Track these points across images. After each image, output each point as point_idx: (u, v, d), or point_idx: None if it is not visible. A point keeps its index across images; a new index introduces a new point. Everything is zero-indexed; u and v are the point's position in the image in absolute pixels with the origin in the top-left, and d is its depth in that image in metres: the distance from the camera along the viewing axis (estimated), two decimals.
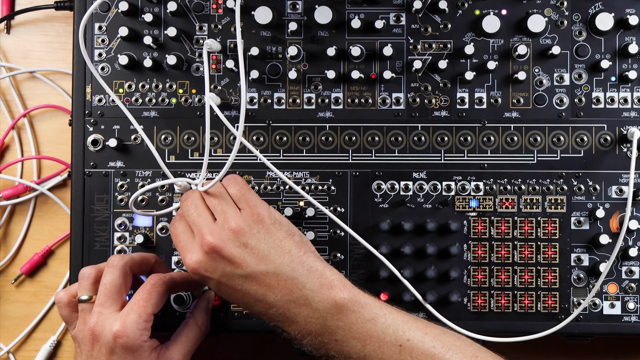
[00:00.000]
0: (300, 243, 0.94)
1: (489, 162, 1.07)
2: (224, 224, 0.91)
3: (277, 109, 1.08)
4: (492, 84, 1.08)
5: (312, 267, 0.92)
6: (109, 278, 0.95)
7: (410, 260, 1.07)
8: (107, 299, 0.94)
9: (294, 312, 0.91)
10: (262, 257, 0.91)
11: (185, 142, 1.08)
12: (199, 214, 0.93)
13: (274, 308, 0.92)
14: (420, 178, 1.07)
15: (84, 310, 0.96)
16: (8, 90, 1.22)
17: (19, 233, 1.21)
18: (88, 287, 0.97)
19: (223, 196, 0.94)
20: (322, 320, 0.91)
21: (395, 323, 0.92)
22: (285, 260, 0.92)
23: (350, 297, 0.91)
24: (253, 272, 0.91)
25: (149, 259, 1.02)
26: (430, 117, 1.08)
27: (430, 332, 0.92)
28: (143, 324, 0.93)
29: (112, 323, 0.92)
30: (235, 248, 0.91)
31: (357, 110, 1.08)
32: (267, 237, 0.92)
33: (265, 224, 0.93)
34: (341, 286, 0.92)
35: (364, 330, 0.91)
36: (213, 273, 0.91)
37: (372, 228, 1.07)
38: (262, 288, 0.91)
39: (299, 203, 1.08)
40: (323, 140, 1.08)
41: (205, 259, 0.91)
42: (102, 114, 1.08)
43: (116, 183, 1.08)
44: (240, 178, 0.96)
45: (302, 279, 0.91)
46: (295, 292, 0.91)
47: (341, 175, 1.08)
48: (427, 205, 1.07)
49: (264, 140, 1.08)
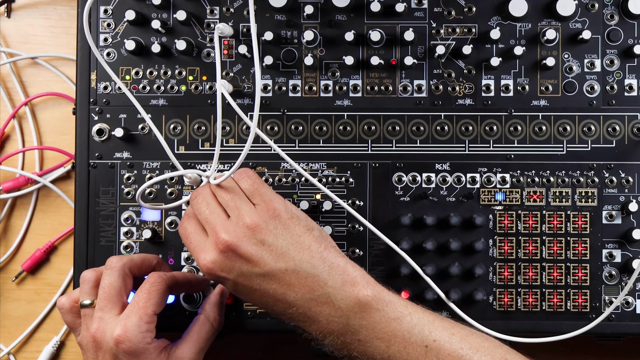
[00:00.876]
0: (320, 238, 0.93)
1: (516, 152, 1.06)
2: (238, 221, 0.90)
3: (293, 96, 1.07)
4: (519, 70, 1.07)
5: (333, 263, 0.91)
6: (107, 281, 0.95)
7: (432, 256, 1.06)
8: (106, 303, 0.94)
9: (315, 311, 0.90)
10: (281, 254, 0.90)
11: (196, 131, 1.07)
12: (212, 211, 0.92)
13: (294, 307, 0.90)
14: (444, 170, 1.06)
15: (86, 315, 0.96)
16: (8, 77, 1.22)
17: (20, 228, 1.21)
18: (89, 291, 0.96)
19: (235, 191, 0.93)
20: (344, 319, 0.90)
21: (421, 322, 0.90)
22: (304, 256, 0.90)
23: (374, 295, 0.90)
24: (271, 270, 0.90)
25: (150, 260, 1.01)
26: (453, 106, 1.07)
27: (458, 333, 0.91)
28: (145, 326, 0.92)
29: (112, 328, 0.92)
30: (252, 246, 0.89)
31: (376, 98, 1.07)
32: (285, 232, 0.91)
33: (282, 219, 0.91)
34: (364, 283, 0.91)
35: (388, 329, 0.90)
36: (229, 273, 0.90)
37: (392, 222, 1.06)
38: (281, 287, 0.90)
39: (316, 196, 1.07)
40: (341, 130, 1.07)
41: (220, 259, 0.90)
42: (108, 102, 1.07)
43: (122, 175, 1.07)
44: (252, 171, 0.95)
45: (323, 276, 0.90)
46: (316, 290, 0.90)
47: (360, 166, 1.07)
48: (451, 198, 1.06)
49: (279, 130, 1.07)
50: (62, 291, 1.21)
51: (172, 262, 1.07)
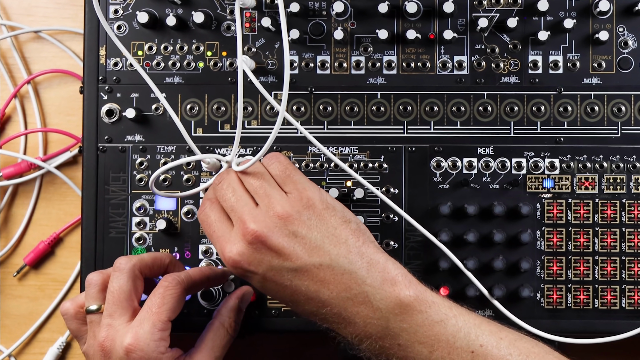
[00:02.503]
0: (357, 231, 0.91)
1: (566, 135, 1.05)
2: (268, 210, 0.88)
3: (321, 74, 1.06)
4: (569, 45, 1.05)
5: (372, 260, 0.89)
6: (116, 284, 0.93)
7: (474, 249, 1.04)
8: (115, 308, 0.92)
9: (352, 311, 0.88)
10: (315, 248, 0.88)
11: (215, 112, 1.06)
12: (238, 199, 0.90)
13: (328, 307, 0.88)
14: (487, 154, 1.05)
15: (93, 322, 0.94)
16: (10, 53, 1.21)
17: (22, 218, 1.21)
18: (96, 296, 0.95)
19: (265, 177, 0.91)
20: (384, 321, 0.88)
21: (467, 326, 0.88)
22: (341, 251, 0.89)
23: (417, 295, 0.88)
24: (304, 265, 0.88)
25: (162, 259, 0.99)
26: (497, 84, 1.05)
27: (506, 337, 0.89)
28: (158, 334, 0.90)
29: (122, 336, 0.90)
30: (284, 237, 0.88)
31: (413, 75, 1.05)
32: (320, 224, 0.89)
33: (317, 209, 0.90)
34: (406, 282, 0.89)
35: (431, 333, 0.87)
36: (258, 267, 0.88)
37: (430, 212, 1.05)
38: (314, 283, 0.88)
39: (346, 183, 1.05)
40: (374, 111, 1.05)
41: (248, 251, 0.88)
42: (119, 80, 1.06)
43: (134, 160, 1.06)
44: (283, 156, 0.93)
45: (361, 273, 0.88)
46: (353, 288, 0.88)
47: (395, 150, 1.05)
48: (494, 185, 1.05)
49: (306, 111, 1.06)
50: (68, 287, 1.19)
51: (189, 256, 1.06)
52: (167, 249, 1.05)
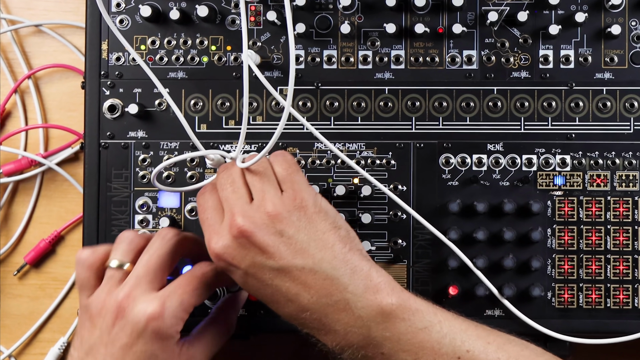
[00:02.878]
0: (346, 238, 0.90)
1: (577, 131, 1.04)
2: (260, 206, 0.88)
3: (327, 69, 1.05)
4: (580, 39, 1.04)
5: (356, 267, 0.89)
6: (157, 250, 0.92)
7: (484, 247, 1.04)
8: (147, 274, 0.91)
9: (332, 318, 0.88)
10: (300, 250, 0.88)
11: (219, 108, 1.05)
12: (234, 190, 0.90)
13: (308, 311, 0.88)
14: (496, 150, 1.04)
15: (113, 277, 0.92)
16: (10, 47, 1.20)
17: (22, 215, 1.20)
18: (126, 252, 0.93)
19: (266, 174, 0.91)
20: (365, 329, 0.87)
21: (453, 332, 0.88)
22: (326, 255, 0.88)
23: (400, 303, 0.88)
24: (287, 266, 0.87)
25: (202, 244, 0.97)
26: (507, 79, 1.05)
27: (494, 341, 0.89)
28: (182, 314, 0.90)
29: (148, 301, 0.89)
30: (269, 235, 0.87)
31: (421, 70, 1.05)
32: (308, 226, 0.89)
33: (308, 212, 0.89)
34: (389, 290, 0.88)
35: (415, 341, 0.87)
36: (240, 262, 0.88)
37: (439, 209, 1.04)
38: (295, 285, 0.88)
39: (353, 180, 1.04)
40: (381, 106, 1.04)
41: (233, 245, 0.88)
42: (121, 75, 1.06)
43: (137, 156, 1.06)
44: (290, 156, 0.94)
45: (343, 280, 0.88)
46: (334, 295, 0.87)
47: (403, 147, 1.05)
48: (504, 182, 1.04)
49: (312, 106, 1.05)
50: (69, 287, 1.19)
51: None
52: None
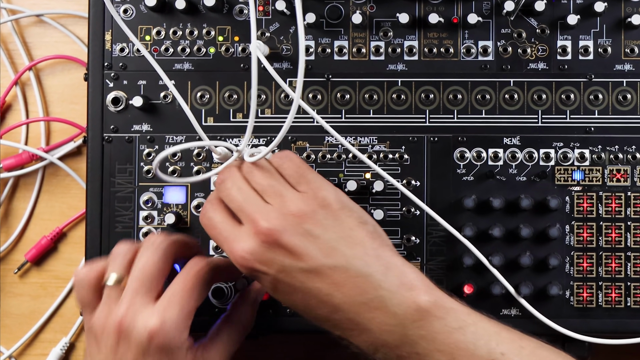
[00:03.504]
0: (374, 234, 0.90)
1: (597, 125, 1.03)
2: (282, 208, 0.87)
3: (338, 60, 1.05)
4: (600, 30, 1.04)
5: (389, 263, 0.88)
6: (148, 260, 0.91)
7: (500, 244, 1.03)
8: (141, 286, 0.90)
9: (366, 317, 0.86)
10: (329, 249, 0.87)
11: (226, 100, 1.05)
12: (246, 198, 0.89)
13: (341, 312, 0.87)
14: (513, 144, 1.04)
15: (111, 295, 0.91)
16: (10, 38, 1.20)
17: (23, 212, 1.19)
18: (122, 266, 0.92)
19: (273, 175, 0.90)
20: (400, 328, 0.86)
21: (487, 333, 0.87)
22: (357, 252, 0.87)
23: (435, 301, 0.87)
24: (318, 266, 0.86)
25: (195, 245, 0.98)
26: (524, 71, 1.04)
27: (527, 346, 0.88)
28: (184, 321, 0.89)
29: (147, 317, 0.88)
30: (298, 236, 0.86)
31: (435, 61, 1.04)
32: (335, 224, 0.88)
33: (333, 209, 0.89)
34: (424, 287, 0.87)
35: (450, 341, 0.86)
36: (269, 267, 0.87)
37: (453, 205, 1.04)
38: (327, 286, 0.87)
39: (365, 175, 1.04)
40: (394, 99, 1.04)
41: (260, 249, 0.86)
42: (125, 67, 1.05)
43: (142, 150, 1.05)
44: (294, 154, 0.93)
45: (377, 277, 0.87)
46: (368, 293, 0.86)
47: (416, 141, 1.04)
48: (521, 177, 1.04)
49: (322, 99, 1.04)
50: (71, 285, 1.18)
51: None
52: None
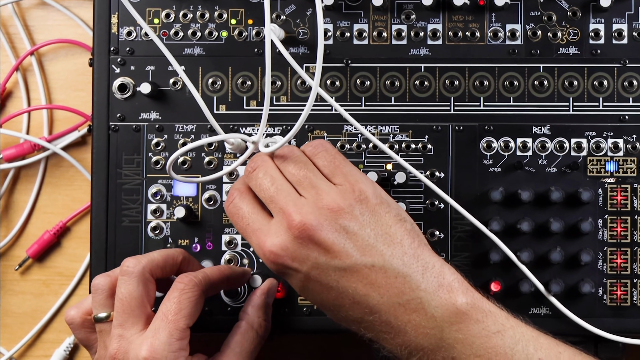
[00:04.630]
0: (412, 232, 0.89)
1: (631, 113, 1.02)
2: (317, 201, 0.86)
3: (358, 44, 1.04)
4: (634, 12, 1.03)
5: (428, 263, 0.87)
6: (124, 290, 0.91)
7: (529, 239, 1.02)
8: (126, 317, 0.90)
9: (403, 319, 0.85)
10: (367, 246, 0.86)
11: (240, 87, 1.04)
12: (279, 188, 0.87)
13: (377, 313, 0.86)
14: (543, 134, 1.02)
15: (103, 331, 0.92)
16: (11, 21, 1.19)
17: (24, 205, 1.19)
18: (104, 302, 0.93)
19: (308, 167, 0.89)
20: (438, 331, 0.85)
21: (525, 338, 0.87)
22: (396, 251, 0.86)
23: (473, 303, 0.86)
24: (354, 265, 0.85)
25: (174, 257, 0.96)
26: (555, 56, 1.03)
27: (565, 352, 0.88)
28: (177, 344, 0.88)
29: (137, 348, 0.88)
30: (334, 232, 0.85)
31: (460, 46, 1.03)
32: (373, 221, 0.87)
33: (370, 204, 0.87)
34: (463, 289, 0.87)
35: (488, 345, 0.85)
36: (302, 263, 0.85)
37: (480, 198, 1.03)
38: (364, 286, 0.85)
39: (386, 166, 1.03)
40: (417, 85, 1.03)
41: (293, 245, 0.85)
42: (132, 51, 1.04)
43: (150, 140, 1.04)
44: (330, 145, 0.92)
45: (416, 277, 0.86)
46: (406, 293, 0.85)
47: (440, 130, 1.03)
48: (551, 168, 1.02)
49: (341, 85, 1.03)
50: (75, 282, 1.17)
51: (211, 247, 1.03)
52: (186, 239, 1.03)
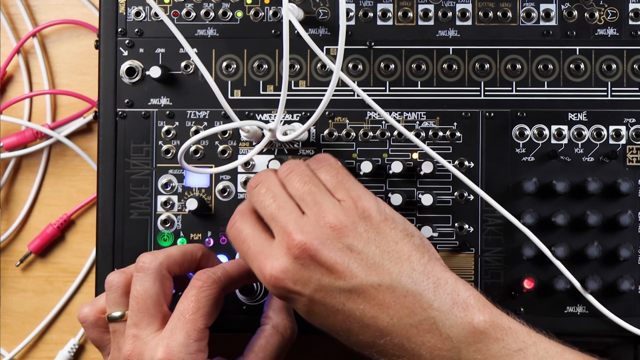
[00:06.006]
0: (421, 247, 0.87)
1: None
2: (318, 219, 0.85)
3: (382, 25, 1.02)
4: None
5: (440, 279, 0.85)
6: (140, 287, 0.90)
7: (564, 233, 1.00)
8: (142, 317, 0.89)
9: (416, 341, 0.84)
10: (373, 265, 0.85)
11: (255, 71, 1.02)
12: (281, 205, 0.86)
13: (388, 336, 0.84)
14: (579, 121, 1.01)
15: (117, 331, 0.92)
16: (12, 1, 1.17)
17: (26, 196, 1.17)
18: (118, 300, 0.92)
19: (313, 182, 0.88)
20: (455, 352, 0.84)
21: (549, 355, 0.85)
22: (404, 269, 0.85)
23: (492, 320, 0.85)
24: (360, 285, 0.84)
25: (193, 252, 0.95)
26: (592, 37, 1.01)
27: None
28: (194, 345, 0.87)
29: (152, 349, 0.87)
30: (336, 251, 0.84)
31: (491, 27, 1.01)
32: (378, 238, 0.86)
33: (374, 221, 0.86)
34: (480, 306, 0.85)
35: None
36: (304, 286, 0.84)
37: (512, 189, 1.01)
38: (371, 307, 0.84)
39: (412, 155, 1.01)
40: (445, 69, 1.01)
41: (294, 267, 0.84)
42: (141, 33, 1.02)
43: (160, 127, 1.03)
44: (333, 159, 0.91)
45: (427, 295, 0.84)
46: (418, 314, 0.84)
47: (470, 117, 1.01)
48: (588, 157, 1.00)
49: (364, 69, 1.02)
50: (80, 279, 1.15)
51: (225, 241, 1.02)
52: (198, 233, 1.01)
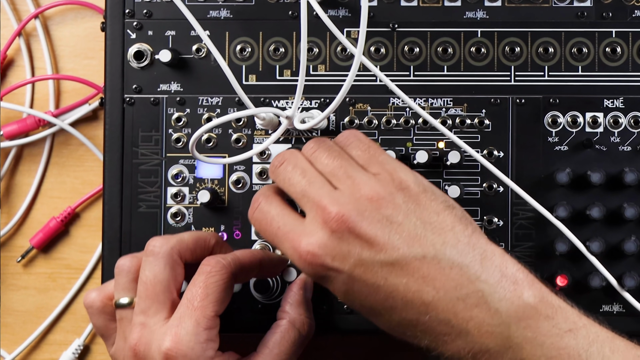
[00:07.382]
0: (464, 219, 0.85)
1: None
2: (353, 191, 0.83)
3: (406, 6, 1.00)
4: None
5: (486, 251, 0.83)
6: (149, 272, 0.89)
7: (599, 228, 0.98)
8: (150, 303, 0.88)
9: (463, 316, 0.81)
10: (415, 237, 0.82)
11: (272, 54, 1.00)
12: (312, 181, 0.85)
13: (434, 311, 0.81)
14: (615, 107, 0.99)
15: (124, 319, 0.90)
16: None
17: (28, 188, 1.14)
18: (127, 286, 0.91)
19: (342, 157, 0.86)
20: (504, 328, 0.81)
21: (600, 339, 0.82)
22: (448, 240, 0.82)
23: (542, 297, 0.82)
24: (403, 257, 0.81)
25: (206, 239, 0.93)
26: (629, 19, 0.99)
27: None
28: (204, 334, 0.85)
29: (160, 338, 0.86)
30: (376, 223, 0.81)
31: (522, 8, 1.00)
32: (418, 209, 0.84)
33: (413, 192, 0.84)
34: (529, 280, 0.82)
35: (560, 345, 0.81)
36: (344, 261, 0.81)
37: (544, 181, 0.99)
38: (415, 281, 0.81)
39: (438, 144, 1.00)
40: (473, 53, 0.99)
41: (332, 241, 0.81)
42: (150, 14, 1.01)
43: (170, 115, 1.01)
44: (362, 134, 0.89)
45: (474, 267, 0.82)
46: (464, 286, 0.81)
47: (499, 103, 0.99)
48: (625, 147, 0.98)
49: (387, 53, 1.00)
50: (86, 276, 1.13)
51: (239, 236, 1.00)
52: (211, 227, 0.99)
